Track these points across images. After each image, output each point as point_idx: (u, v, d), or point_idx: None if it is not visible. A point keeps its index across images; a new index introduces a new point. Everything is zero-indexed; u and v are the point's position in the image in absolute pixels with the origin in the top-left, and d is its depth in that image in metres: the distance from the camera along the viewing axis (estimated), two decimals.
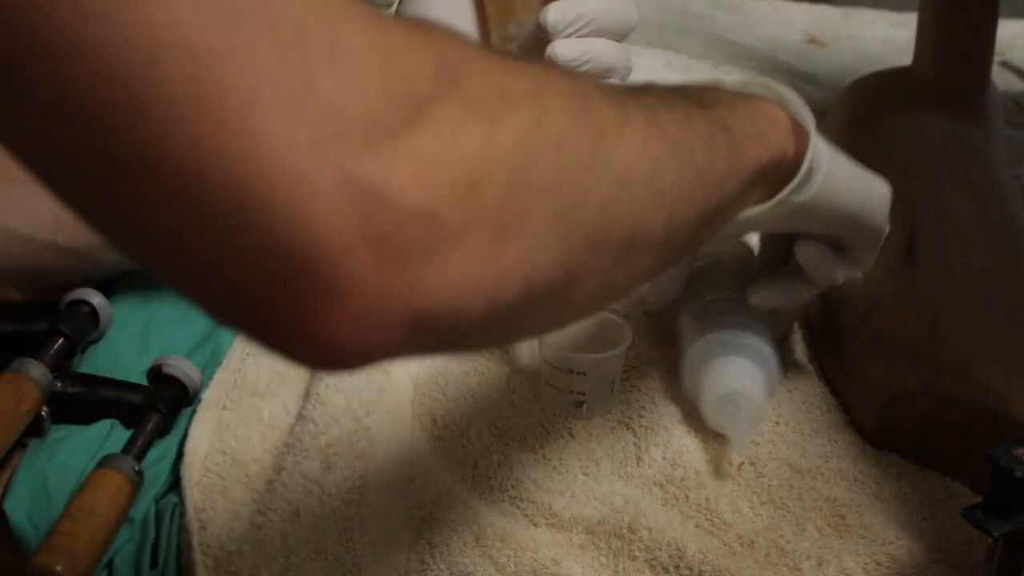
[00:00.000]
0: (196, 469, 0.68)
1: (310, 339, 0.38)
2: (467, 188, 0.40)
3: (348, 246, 0.37)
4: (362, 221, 0.37)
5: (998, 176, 0.89)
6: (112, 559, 0.64)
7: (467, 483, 0.69)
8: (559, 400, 0.74)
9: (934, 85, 0.98)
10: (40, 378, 0.69)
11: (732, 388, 0.69)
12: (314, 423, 0.69)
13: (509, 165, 0.41)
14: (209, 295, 0.39)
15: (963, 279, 0.75)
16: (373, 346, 0.39)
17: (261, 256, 0.37)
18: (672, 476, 0.68)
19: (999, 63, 1.25)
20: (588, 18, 0.69)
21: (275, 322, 0.39)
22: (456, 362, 0.78)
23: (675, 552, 0.63)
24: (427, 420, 0.73)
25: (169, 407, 0.71)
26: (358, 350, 0.39)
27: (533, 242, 0.42)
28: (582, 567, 0.63)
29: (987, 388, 0.67)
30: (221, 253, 0.38)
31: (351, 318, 0.38)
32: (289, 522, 0.64)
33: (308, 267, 0.37)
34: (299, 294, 0.38)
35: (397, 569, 0.63)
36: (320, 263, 0.37)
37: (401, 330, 0.39)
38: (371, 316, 0.38)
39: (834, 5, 1.51)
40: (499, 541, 0.63)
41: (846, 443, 0.72)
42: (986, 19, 0.97)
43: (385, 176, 0.38)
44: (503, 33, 0.71)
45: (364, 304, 0.38)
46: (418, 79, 0.40)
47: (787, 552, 0.64)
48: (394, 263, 0.38)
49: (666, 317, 0.81)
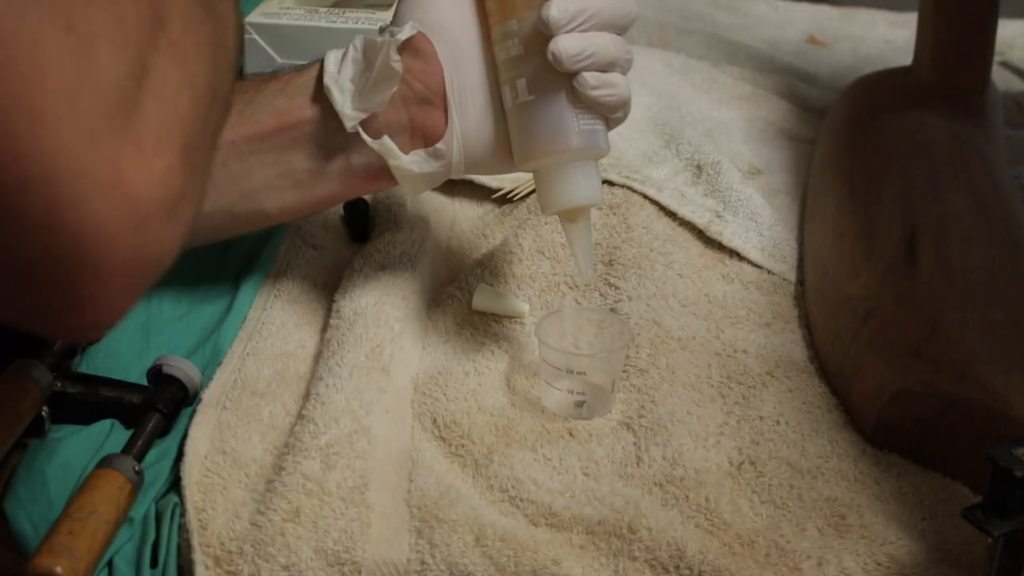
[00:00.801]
0: (196, 469, 0.68)
1: (81, 303, 0.45)
2: (183, 149, 0.46)
3: (115, 226, 0.43)
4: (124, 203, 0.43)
5: (998, 176, 0.89)
6: (112, 559, 0.64)
7: (467, 483, 0.69)
8: (559, 400, 0.74)
9: (934, 85, 0.98)
10: (40, 378, 0.69)
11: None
12: (314, 423, 0.69)
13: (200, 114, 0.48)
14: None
15: (963, 279, 0.75)
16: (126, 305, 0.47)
17: (43, 227, 0.42)
18: (672, 476, 0.68)
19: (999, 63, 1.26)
20: (589, 12, 0.69)
21: (52, 293, 0.44)
22: (456, 362, 0.78)
23: (675, 552, 0.63)
24: (427, 420, 0.73)
25: (169, 407, 0.71)
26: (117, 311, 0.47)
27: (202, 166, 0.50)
28: (582, 567, 0.63)
29: (987, 388, 0.67)
30: (5, 226, 0.42)
31: (115, 286, 0.45)
32: (289, 522, 0.64)
33: (83, 239, 0.43)
34: (74, 264, 0.43)
35: (397, 569, 0.63)
36: (92, 239, 0.43)
37: (146, 284, 0.47)
38: (129, 283, 0.45)
39: (834, 5, 1.51)
40: (499, 541, 0.63)
41: (846, 443, 0.72)
42: (986, 19, 0.97)
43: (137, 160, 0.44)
44: (504, 29, 0.71)
45: (124, 274, 0.45)
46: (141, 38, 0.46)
47: (787, 552, 0.64)
48: (146, 234, 0.45)
49: (666, 317, 0.81)
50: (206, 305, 0.83)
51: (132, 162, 0.44)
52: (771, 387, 0.76)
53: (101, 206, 0.43)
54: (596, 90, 0.69)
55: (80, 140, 0.42)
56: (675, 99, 1.11)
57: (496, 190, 0.97)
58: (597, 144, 0.71)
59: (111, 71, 0.44)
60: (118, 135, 0.43)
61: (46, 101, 0.41)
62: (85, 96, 0.42)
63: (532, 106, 0.71)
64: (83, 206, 0.43)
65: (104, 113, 0.43)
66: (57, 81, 0.42)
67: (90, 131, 0.42)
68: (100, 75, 0.43)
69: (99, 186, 0.43)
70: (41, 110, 0.41)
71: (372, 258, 0.84)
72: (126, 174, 0.43)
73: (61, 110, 0.42)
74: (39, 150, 0.41)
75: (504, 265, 0.86)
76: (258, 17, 1.04)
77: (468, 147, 0.73)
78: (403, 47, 0.71)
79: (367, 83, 0.71)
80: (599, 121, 0.72)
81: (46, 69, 0.41)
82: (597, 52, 0.69)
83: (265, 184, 0.74)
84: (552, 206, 0.72)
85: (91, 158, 0.42)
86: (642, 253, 0.87)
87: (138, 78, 0.45)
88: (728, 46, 1.31)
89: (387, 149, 0.72)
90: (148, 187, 0.44)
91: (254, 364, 0.76)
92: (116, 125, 0.43)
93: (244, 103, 0.73)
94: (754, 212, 0.93)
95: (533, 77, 0.70)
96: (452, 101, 0.72)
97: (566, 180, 0.71)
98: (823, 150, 0.99)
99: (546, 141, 0.71)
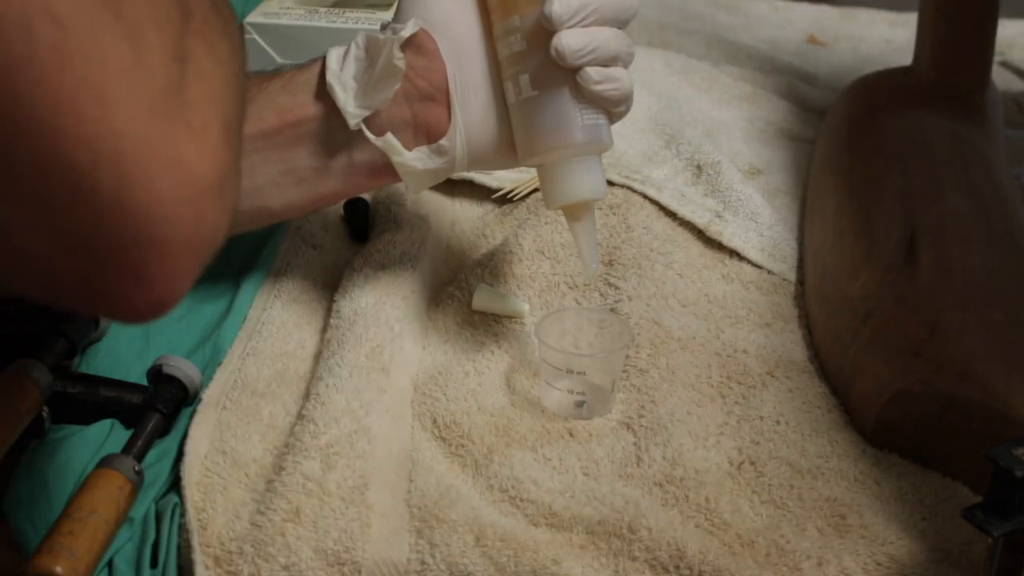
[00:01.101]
0: (196, 469, 0.68)
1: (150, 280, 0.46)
2: (224, 128, 0.48)
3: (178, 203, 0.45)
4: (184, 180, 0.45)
5: (998, 176, 0.89)
6: (112, 559, 0.64)
7: (467, 483, 0.69)
8: (559, 400, 0.74)
9: (934, 85, 0.98)
10: (40, 378, 0.69)
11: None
12: (314, 423, 0.69)
13: (232, 96, 0.50)
14: (58, 246, 0.44)
15: (963, 279, 0.75)
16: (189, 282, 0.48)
17: (113, 206, 0.43)
18: (672, 476, 0.68)
19: (999, 63, 1.25)
20: (591, 8, 0.69)
21: (121, 269, 0.45)
22: (456, 362, 0.78)
23: (675, 552, 0.63)
24: (427, 420, 0.73)
25: (169, 407, 0.71)
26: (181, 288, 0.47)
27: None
28: (582, 567, 0.63)
29: (987, 388, 0.67)
30: (75, 208, 0.43)
31: (180, 262, 0.46)
32: (289, 522, 0.64)
33: (150, 216, 0.44)
34: (143, 241, 0.44)
35: (397, 569, 0.63)
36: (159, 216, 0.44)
37: (205, 259, 0.48)
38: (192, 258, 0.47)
39: (834, 5, 1.51)
40: (499, 541, 0.63)
41: (846, 443, 0.72)
42: (986, 19, 0.97)
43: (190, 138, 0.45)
44: (506, 25, 0.71)
45: (188, 250, 0.46)
46: (177, 24, 0.47)
47: (787, 552, 0.64)
48: (204, 210, 0.46)
49: (666, 317, 0.81)
50: (206, 305, 0.83)
51: (186, 140, 0.45)
52: (771, 387, 0.76)
53: (166, 183, 0.44)
54: (599, 85, 0.70)
55: (142, 120, 0.43)
56: (675, 99, 1.11)
57: (496, 190, 0.97)
58: (600, 138, 0.72)
59: (160, 53, 0.45)
60: (173, 114, 0.45)
61: (109, 83, 0.43)
62: (141, 78, 0.44)
63: (536, 101, 0.71)
64: (150, 184, 0.44)
65: (158, 93, 0.44)
66: (117, 64, 0.43)
67: (149, 111, 0.44)
68: (151, 57, 0.44)
69: (163, 164, 0.44)
70: (106, 92, 0.42)
71: (372, 258, 0.84)
72: (183, 152, 0.45)
73: (123, 92, 0.43)
74: (108, 131, 0.42)
75: (504, 265, 0.86)
76: (258, 17, 1.04)
77: (471, 143, 0.73)
78: (406, 44, 0.71)
79: (370, 80, 0.71)
80: (602, 115, 0.72)
81: (106, 53, 0.42)
82: (600, 47, 0.69)
83: (268, 181, 0.74)
84: (557, 201, 0.72)
85: (153, 137, 0.44)
86: (642, 253, 0.87)
87: (182, 60, 0.46)
88: (728, 46, 1.31)
89: (390, 146, 0.72)
90: (202, 164, 0.46)
91: (254, 364, 0.76)
92: (170, 104, 0.45)
93: (247, 100, 0.73)
94: (754, 212, 0.93)
95: (536, 73, 0.71)
96: (455, 97, 0.72)
97: (570, 175, 0.71)
98: (823, 150, 0.99)
99: (550, 136, 0.71)
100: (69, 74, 0.42)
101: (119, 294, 0.46)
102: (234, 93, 0.51)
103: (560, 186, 0.72)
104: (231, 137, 0.49)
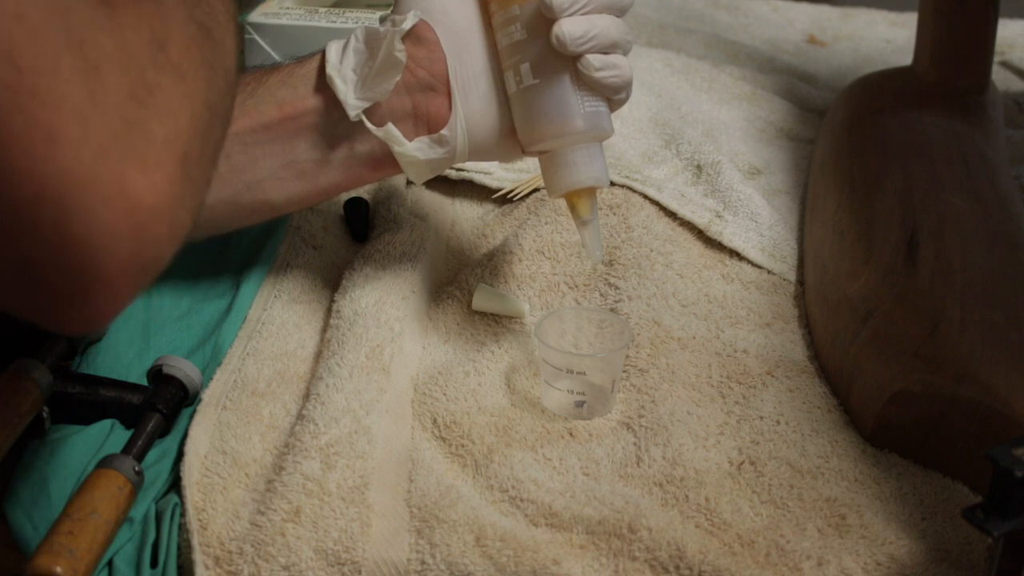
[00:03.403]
0: (196, 469, 0.68)
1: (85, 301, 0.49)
2: (181, 161, 0.50)
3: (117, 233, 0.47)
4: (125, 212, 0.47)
5: (998, 176, 0.89)
6: (112, 559, 0.64)
7: (467, 483, 0.69)
8: (559, 400, 0.74)
9: (934, 85, 0.98)
10: (40, 378, 0.69)
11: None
12: (314, 423, 0.69)
13: (199, 128, 0.52)
14: (6, 270, 0.47)
15: (963, 279, 0.75)
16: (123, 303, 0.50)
17: (53, 236, 0.46)
18: (672, 476, 0.68)
19: (999, 63, 1.26)
20: None
21: (58, 292, 0.48)
22: (456, 362, 0.78)
23: (675, 552, 0.63)
24: (427, 420, 0.73)
25: (169, 407, 0.71)
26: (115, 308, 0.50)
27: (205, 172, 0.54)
28: (582, 567, 0.63)
29: (987, 388, 0.67)
30: (19, 237, 0.46)
31: (115, 286, 0.48)
32: (289, 522, 0.64)
33: (88, 246, 0.47)
34: (80, 267, 0.47)
35: (397, 569, 0.63)
36: (96, 245, 0.47)
37: (143, 284, 0.50)
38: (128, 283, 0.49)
39: (834, 5, 1.51)
40: (499, 541, 0.63)
41: (846, 443, 0.72)
42: (986, 19, 0.97)
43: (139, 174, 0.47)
44: (506, 15, 0.72)
45: (124, 275, 0.48)
46: (143, 60, 0.49)
47: (787, 552, 0.64)
48: (144, 239, 0.48)
49: (666, 317, 0.81)
50: (206, 305, 0.83)
51: (134, 176, 0.47)
52: (771, 387, 0.76)
53: (105, 216, 0.47)
54: (600, 72, 0.70)
55: (90, 158, 0.46)
56: (675, 99, 1.11)
57: (496, 190, 0.97)
58: (602, 126, 0.72)
59: (116, 93, 0.47)
60: (123, 152, 0.47)
61: (61, 123, 0.45)
62: (94, 117, 0.46)
63: (537, 90, 0.71)
64: (89, 217, 0.46)
65: (111, 132, 0.47)
66: (71, 104, 0.45)
67: (98, 149, 0.46)
68: (107, 97, 0.47)
69: (104, 198, 0.46)
70: (57, 131, 0.45)
71: (372, 258, 0.84)
72: (128, 187, 0.47)
73: (74, 131, 0.45)
74: (54, 168, 0.45)
75: (504, 265, 0.86)
76: (258, 17, 1.05)
77: (472, 133, 0.73)
78: (406, 35, 0.71)
79: (370, 72, 0.71)
80: (602, 103, 0.72)
81: (62, 94, 0.45)
82: (600, 34, 0.70)
83: (269, 174, 0.74)
84: (559, 189, 0.72)
85: (99, 174, 0.46)
86: (642, 253, 0.87)
87: (141, 98, 0.48)
88: (728, 46, 1.31)
89: (391, 136, 0.73)
90: (148, 197, 0.48)
91: (254, 364, 0.76)
92: (121, 143, 0.47)
93: (246, 95, 0.74)
94: (754, 212, 0.93)
95: (537, 61, 0.71)
96: (455, 87, 0.73)
97: (573, 162, 0.72)
98: (823, 150, 0.99)
99: (552, 124, 0.71)
100: (20, 114, 0.44)
101: (60, 314, 0.50)
102: (204, 124, 0.53)
103: (562, 174, 0.72)
104: (191, 168, 0.51)
